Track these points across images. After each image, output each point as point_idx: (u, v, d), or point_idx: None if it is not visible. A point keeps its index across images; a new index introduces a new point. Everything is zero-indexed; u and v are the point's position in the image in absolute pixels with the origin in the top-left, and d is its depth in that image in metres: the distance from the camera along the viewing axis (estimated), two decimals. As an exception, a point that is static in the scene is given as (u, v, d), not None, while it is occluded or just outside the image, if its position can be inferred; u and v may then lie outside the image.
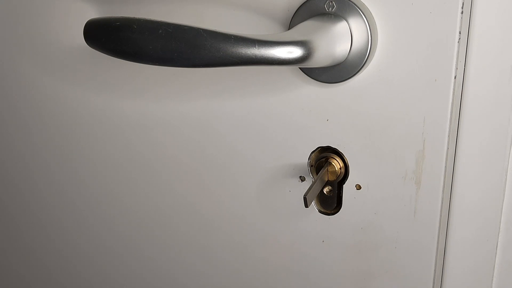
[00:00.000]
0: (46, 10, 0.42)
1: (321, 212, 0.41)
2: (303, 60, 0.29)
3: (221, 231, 0.44)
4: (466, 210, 0.37)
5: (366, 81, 0.36)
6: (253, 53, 0.28)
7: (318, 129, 0.38)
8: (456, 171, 0.36)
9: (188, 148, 0.43)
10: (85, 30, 0.31)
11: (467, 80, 0.34)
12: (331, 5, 0.34)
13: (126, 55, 0.30)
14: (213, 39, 0.28)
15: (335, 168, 0.38)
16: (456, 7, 0.32)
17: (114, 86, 0.43)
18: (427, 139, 0.36)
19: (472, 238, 0.37)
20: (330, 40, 0.32)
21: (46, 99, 0.46)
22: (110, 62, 0.42)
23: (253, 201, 0.42)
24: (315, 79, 0.36)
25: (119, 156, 0.45)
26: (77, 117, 0.46)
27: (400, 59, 0.34)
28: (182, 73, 0.40)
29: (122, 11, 0.40)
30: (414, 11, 0.33)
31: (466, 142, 0.35)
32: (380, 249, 0.40)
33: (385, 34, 0.34)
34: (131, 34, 0.29)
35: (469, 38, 0.33)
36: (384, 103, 0.36)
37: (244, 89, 0.39)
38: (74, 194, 0.49)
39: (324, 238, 0.41)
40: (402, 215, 0.38)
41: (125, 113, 0.44)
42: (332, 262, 0.42)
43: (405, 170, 0.37)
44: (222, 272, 0.46)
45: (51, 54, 0.44)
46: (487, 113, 0.34)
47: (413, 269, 0.39)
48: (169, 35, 0.28)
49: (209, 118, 0.41)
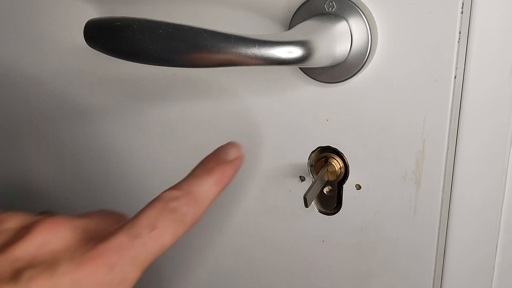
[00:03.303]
0: (46, 10, 0.42)
1: (321, 212, 0.41)
2: (303, 60, 0.29)
3: (221, 231, 0.44)
4: (466, 210, 0.37)
5: (366, 81, 0.36)
6: (253, 53, 0.28)
7: (318, 129, 0.38)
8: (456, 171, 0.36)
9: (188, 148, 0.43)
10: (85, 30, 0.31)
11: (467, 80, 0.34)
12: (331, 5, 0.34)
13: (126, 55, 0.30)
14: (213, 39, 0.28)
15: (335, 168, 0.38)
16: (456, 7, 0.32)
17: (114, 86, 0.43)
18: (427, 139, 0.36)
19: (472, 238, 0.37)
20: (330, 40, 0.32)
21: (46, 99, 0.46)
22: (110, 62, 0.42)
23: (253, 201, 0.42)
24: (315, 79, 0.36)
25: (119, 156, 0.45)
26: (77, 117, 0.46)
27: (400, 59, 0.34)
28: (182, 73, 0.40)
29: (122, 11, 0.40)
30: (414, 11, 0.33)
31: (466, 142, 0.35)
32: (380, 249, 0.40)
33: (385, 34, 0.34)
34: (131, 34, 0.29)
35: (469, 38, 0.33)
36: (384, 103, 0.36)
37: (244, 89, 0.39)
38: (74, 193, 0.49)
39: (324, 238, 0.41)
40: (402, 215, 0.38)
41: (125, 113, 0.44)
42: (332, 262, 0.42)
43: (405, 170, 0.37)
44: (222, 272, 0.46)
45: (51, 54, 0.44)
46: (487, 113, 0.34)
47: (413, 269, 0.39)
48: (169, 35, 0.28)
49: (209, 118, 0.41)
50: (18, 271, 0.27)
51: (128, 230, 0.28)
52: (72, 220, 0.30)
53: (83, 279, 0.27)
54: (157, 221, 0.29)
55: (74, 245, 0.28)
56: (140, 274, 0.29)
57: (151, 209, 0.30)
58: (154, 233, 0.29)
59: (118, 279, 0.28)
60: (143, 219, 0.29)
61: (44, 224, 0.29)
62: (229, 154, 0.33)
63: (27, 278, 0.26)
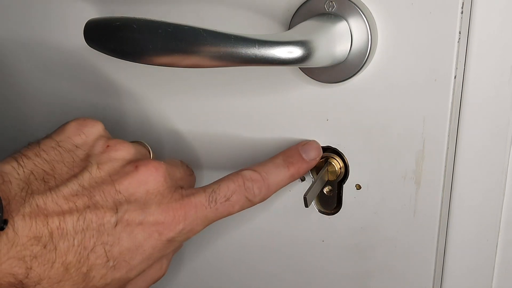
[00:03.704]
0: (46, 10, 0.42)
1: (321, 212, 0.41)
2: (303, 60, 0.29)
3: (221, 231, 0.44)
4: (466, 210, 0.37)
5: (366, 81, 0.36)
6: (253, 53, 0.28)
7: (318, 129, 0.38)
8: (456, 171, 0.36)
9: (188, 148, 0.43)
10: (85, 30, 0.31)
11: (467, 80, 0.34)
12: (331, 5, 0.34)
13: (126, 55, 0.30)
14: (213, 39, 0.28)
15: (335, 168, 0.38)
16: (456, 7, 0.32)
17: (114, 86, 0.43)
18: (427, 139, 0.36)
19: (472, 238, 0.37)
20: (330, 40, 0.32)
21: (46, 99, 0.46)
22: (110, 62, 0.42)
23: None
24: (315, 79, 0.36)
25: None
26: (76, 117, 0.46)
27: (400, 59, 0.34)
28: (182, 73, 0.40)
29: (122, 11, 0.40)
30: (414, 11, 0.33)
31: (466, 142, 0.35)
32: (380, 249, 0.40)
33: (385, 34, 0.34)
34: (131, 34, 0.29)
35: (469, 38, 0.33)
36: (384, 103, 0.36)
37: (244, 89, 0.39)
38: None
39: (324, 238, 0.41)
40: (402, 215, 0.38)
41: (125, 113, 0.44)
42: (332, 262, 0.42)
43: (405, 170, 0.37)
44: (221, 272, 0.46)
45: (51, 54, 0.44)
46: (487, 113, 0.34)
47: (413, 269, 0.39)
48: (169, 35, 0.28)
49: (209, 118, 0.41)
50: (119, 203, 0.32)
51: (209, 194, 0.34)
52: (167, 167, 0.35)
53: (164, 222, 0.33)
54: (232, 194, 0.35)
55: (164, 191, 0.34)
56: (204, 228, 0.35)
57: (232, 182, 0.35)
58: (227, 203, 0.35)
59: (188, 228, 0.34)
60: (222, 188, 0.35)
61: (148, 166, 0.34)
62: (309, 154, 0.38)
63: (123, 211, 0.32)
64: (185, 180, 0.38)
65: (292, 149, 0.38)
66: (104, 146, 0.35)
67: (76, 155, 0.34)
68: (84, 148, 0.35)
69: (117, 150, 0.35)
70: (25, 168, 0.32)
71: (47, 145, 0.34)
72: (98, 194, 0.32)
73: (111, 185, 0.33)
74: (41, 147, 0.34)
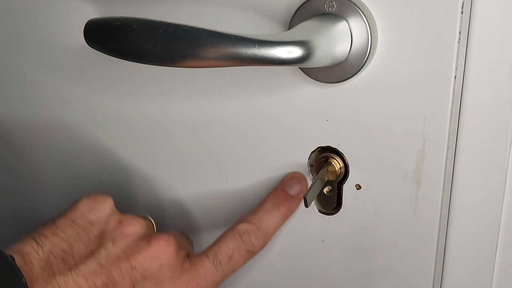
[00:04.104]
0: (46, 10, 0.42)
1: (321, 212, 0.41)
2: (303, 60, 0.29)
3: (220, 231, 0.44)
4: (466, 210, 0.37)
5: (366, 81, 0.36)
6: (253, 53, 0.28)
7: (318, 129, 0.38)
8: (456, 171, 0.36)
9: (188, 148, 0.43)
10: (85, 30, 0.31)
11: (467, 80, 0.34)
12: (331, 5, 0.34)
13: (126, 55, 0.30)
14: (213, 39, 0.28)
15: (335, 168, 0.38)
16: (456, 7, 0.32)
17: (114, 86, 0.43)
18: (427, 139, 0.36)
19: (472, 238, 0.38)
20: (330, 40, 0.32)
21: (46, 99, 0.46)
22: (110, 62, 0.42)
23: (253, 201, 0.42)
24: (315, 79, 0.36)
25: (118, 155, 0.45)
26: (76, 117, 0.46)
27: (400, 59, 0.34)
28: (182, 73, 0.40)
29: (122, 11, 0.40)
30: (414, 11, 0.33)
31: (466, 142, 0.35)
32: (380, 249, 0.40)
33: (385, 34, 0.34)
34: (131, 34, 0.29)
35: (469, 38, 0.33)
36: (384, 103, 0.36)
37: (244, 89, 0.39)
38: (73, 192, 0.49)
39: (324, 238, 0.41)
40: (402, 215, 0.38)
41: (125, 113, 0.44)
42: (332, 262, 0.42)
43: (405, 170, 0.37)
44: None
45: (51, 54, 0.44)
46: (487, 113, 0.34)
47: (413, 269, 0.39)
48: (169, 35, 0.28)
49: (209, 118, 0.41)
50: (136, 280, 0.34)
51: (213, 258, 0.36)
52: (175, 239, 0.36)
53: None
54: (234, 252, 0.36)
55: (175, 263, 0.35)
56: None
57: (230, 240, 0.37)
58: (231, 262, 0.36)
59: None
60: (223, 249, 0.36)
61: (160, 240, 0.35)
62: (295, 189, 0.39)
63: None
64: (188, 248, 0.39)
65: (277, 189, 0.39)
66: (117, 222, 0.36)
67: (91, 231, 0.35)
68: (98, 225, 0.36)
69: (129, 225, 0.36)
70: (45, 248, 0.33)
71: (63, 224, 0.35)
72: (115, 271, 0.33)
73: (126, 261, 0.34)
74: (57, 225, 0.35)
